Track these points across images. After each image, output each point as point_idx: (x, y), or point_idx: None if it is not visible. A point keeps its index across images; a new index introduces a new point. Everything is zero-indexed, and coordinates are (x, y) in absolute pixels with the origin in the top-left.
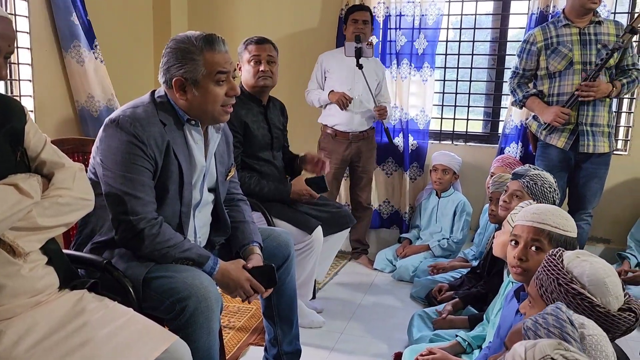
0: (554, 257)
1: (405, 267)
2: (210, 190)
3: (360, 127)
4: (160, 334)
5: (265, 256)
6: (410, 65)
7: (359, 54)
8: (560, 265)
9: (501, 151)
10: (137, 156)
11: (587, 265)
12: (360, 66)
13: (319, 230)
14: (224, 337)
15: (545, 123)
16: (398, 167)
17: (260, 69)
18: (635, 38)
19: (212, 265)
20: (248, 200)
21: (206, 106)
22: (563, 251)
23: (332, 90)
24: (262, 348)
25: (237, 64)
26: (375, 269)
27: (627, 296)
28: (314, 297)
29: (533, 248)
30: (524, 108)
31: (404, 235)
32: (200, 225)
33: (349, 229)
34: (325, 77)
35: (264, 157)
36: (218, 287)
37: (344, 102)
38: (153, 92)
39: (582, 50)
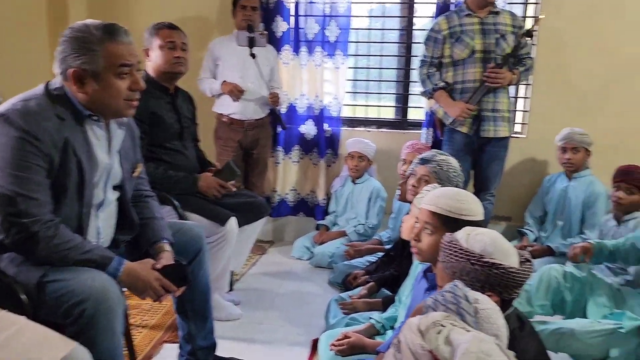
0: (451, 243)
1: (323, 253)
2: (115, 188)
3: (255, 115)
4: (56, 342)
5: (176, 251)
6: (323, 52)
7: (252, 43)
8: (463, 247)
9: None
10: (29, 153)
11: (483, 237)
12: (253, 56)
13: (232, 221)
14: (136, 337)
15: None
16: (305, 155)
17: (175, 55)
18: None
19: (116, 267)
20: (157, 193)
21: (108, 100)
22: (451, 234)
23: (225, 81)
24: (177, 345)
25: (145, 50)
26: (293, 257)
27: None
28: (231, 289)
29: (427, 230)
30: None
31: (320, 222)
32: (104, 225)
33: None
34: (217, 65)
35: (174, 147)
36: (125, 289)
37: (236, 93)
38: (47, 84)
39: (483, 40)
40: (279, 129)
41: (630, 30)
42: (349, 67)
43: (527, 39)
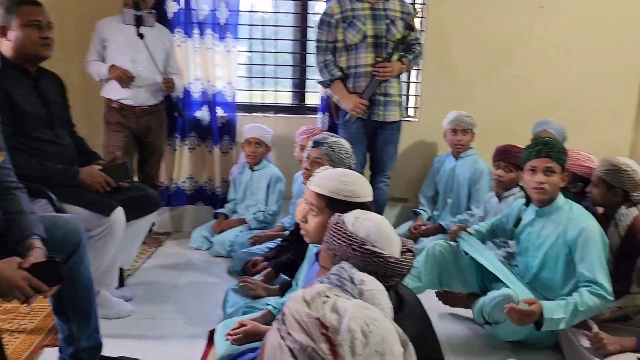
0: (337, 225)
1: (222, 242)
2: None
3: (147, 102)
4: None
5: (50, 247)
6: (214, 35)
7: (139, 22)
8: (348, 231)
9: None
10: None
11: (369, 223)
12: (141, 35)
13: (118, 211)
14: (12, 343)
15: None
16: (202, 142)
17: (43, 36)
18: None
19: None
20: (31, 185)
21: None
22: (340, 216)
23: (113, 65)
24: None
25: (1, 28)
26: (192, 248)
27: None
28: (122, 284)
29: (312, 212)
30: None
31: (219, 210)
32: None
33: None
34: (105, 47)
35: (44, 137)
36: None
37: (124, 80)
38: None
39: (374, 25)
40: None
41: (511, 19)
42: (242, 51)
43: (409, 32)
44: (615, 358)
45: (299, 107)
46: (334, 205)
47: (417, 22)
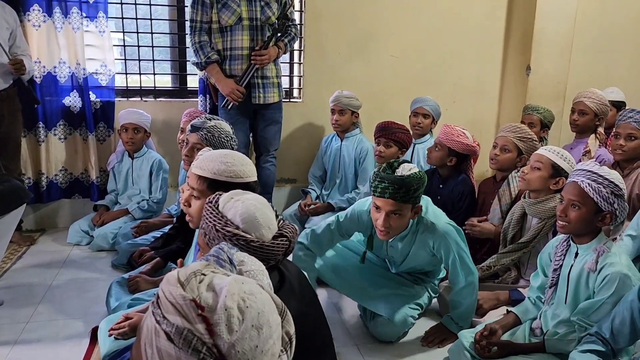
0: (210, 203)
1: (104, 235)
2: None
3: None
4: None
5: None
6: (82, 14)
7: None
8: (216, 210)
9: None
10: None
11: (240, 204)
12: None
13: None
14: None
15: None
16: (74, 130)
17: None
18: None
19: None
20: None
21: None
22: (220, 195)
23: None
24: None
25: None
26: (70, 244)
27: (281, 221)
28: None
29: (194, 195)
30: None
31: (99, 202)
32: None
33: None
34: None
35: None
36: None
37: None
38: None
39: (249, 7)
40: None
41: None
42: (115, 32)
43: (285, 21)
44: (489, 315)
45: (179, 91)
46: (217, 187)
47: (296, 3)
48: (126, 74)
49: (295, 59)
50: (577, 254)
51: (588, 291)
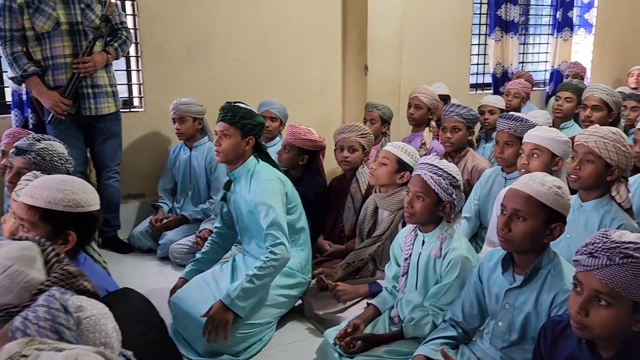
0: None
1: None
2: None
3: None
4: None
5: None
6: None
7: None
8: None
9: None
10: None
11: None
12: None
13: None
14: None
15: None
16: None
17: None
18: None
19: None
20: None
21: None
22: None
23: None
24: None
25: None
26: None
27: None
28: None
29: (23, 227)
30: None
31: None
32: None
33: None
34: None
35: None
36: None
37: None
38: None
39: (66, 10)
40: None
41: (224, 2)
42: None
43: (107, 24)
44: (350, 311)
45: None
46: (52, 217)
47: (128, 6)
48: None
49: (133, 66)
50: (424, 242)
51: (436, 276)
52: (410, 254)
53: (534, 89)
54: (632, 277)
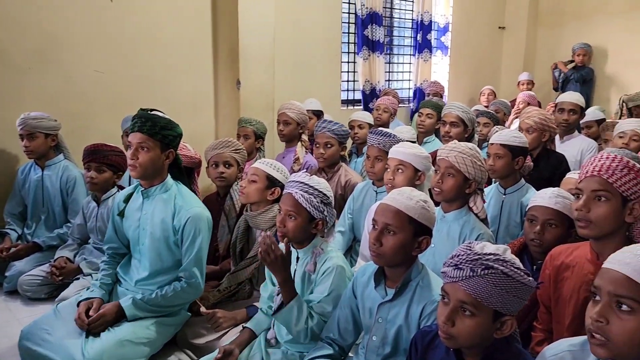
0: None
1: None
2: None
3: None
4: None
5: None
6: None
7: None
8: None
9: None
10: None
11: None
12: None
13: None
14: None
15: None
16: None
17: None
18: None
19: None
20: None
21: None
22: None
23: None
24: None
25: None
26: None
27: None
28: None
29: None
30: None
31: None
32: None
33: None
34: None
35: None
36: None
37: None
38: None
39: None
40: None
41: (82, 12)
42: None
43: None
44: (227, 336)
45: None
46: None
47: None
48: None
49: None
50: (298, 258)
51: (312, 291)
52: None
53: (400, 105)
54: (493, 287)
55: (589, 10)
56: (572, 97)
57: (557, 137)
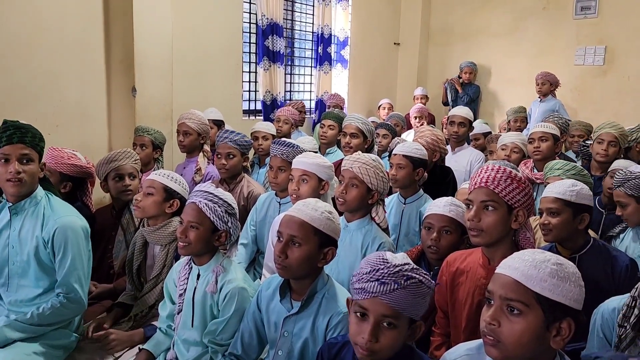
0: None
1: None
2: None
3: None
4: None
5: None
6: None
7: None
8: None
9: None
10: None
11: None
12: None
13: None
14: None
15: None
16: None
17: None
18: None
19: None
20: None
21: None
22: None
23: None
24: None
25: None
26: None
27: None
28: None
29: None
30: None
31: None
32: None
33: None
34: None
35: None
36: None
37: None
38: None
39: None
40: None
41: None
42: None
43: None
44: (124, 357)
45: None
46: None
47: None
48: None
49: None
50: (199, 275)
51: (213, 311)
52: (185, 289)
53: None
54: (412, 297)
55: (474, 31)
56: (462, 111)
57: (449, 147)
